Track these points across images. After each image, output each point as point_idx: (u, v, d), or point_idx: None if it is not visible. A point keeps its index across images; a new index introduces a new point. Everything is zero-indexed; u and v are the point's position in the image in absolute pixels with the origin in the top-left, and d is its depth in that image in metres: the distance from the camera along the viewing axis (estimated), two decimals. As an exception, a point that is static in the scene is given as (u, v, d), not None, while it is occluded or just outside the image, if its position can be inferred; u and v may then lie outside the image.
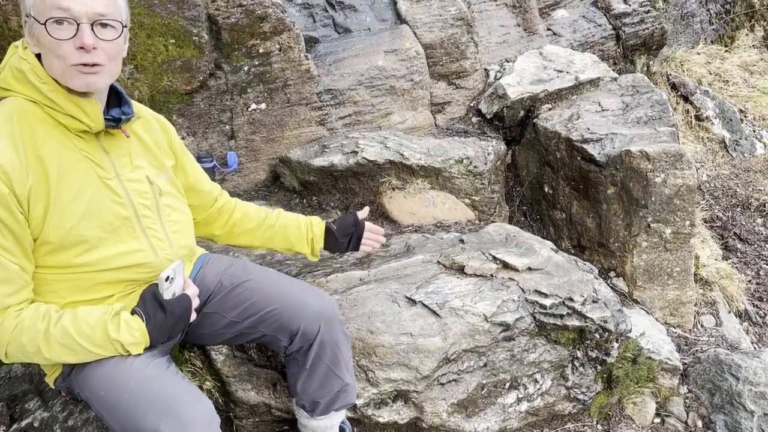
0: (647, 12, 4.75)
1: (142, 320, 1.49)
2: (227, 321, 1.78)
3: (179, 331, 1.58)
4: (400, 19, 3.85)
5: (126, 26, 1.51)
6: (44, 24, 1.38)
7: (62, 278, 1.50)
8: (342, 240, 2.07)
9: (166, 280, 1.51)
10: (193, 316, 1.60)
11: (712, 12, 5.97)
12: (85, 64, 1.41)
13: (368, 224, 2.14)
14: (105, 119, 1.52)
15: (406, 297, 2.32)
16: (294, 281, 1.92)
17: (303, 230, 2.04)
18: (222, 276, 1.82)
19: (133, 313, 1.51)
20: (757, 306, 3.81)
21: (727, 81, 5.81)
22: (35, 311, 1.44)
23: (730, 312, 3.53)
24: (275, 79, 3.29)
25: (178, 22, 3.00)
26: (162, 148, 1.74)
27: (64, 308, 1.49)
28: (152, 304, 1.51)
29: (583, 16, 4.66)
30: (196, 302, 1.62)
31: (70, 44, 1.39)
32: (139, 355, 1.51)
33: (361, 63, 3.57)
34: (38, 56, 1.45)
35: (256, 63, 3.24)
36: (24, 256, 1.43)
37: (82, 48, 1.40)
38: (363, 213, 2.13)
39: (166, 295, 1.53)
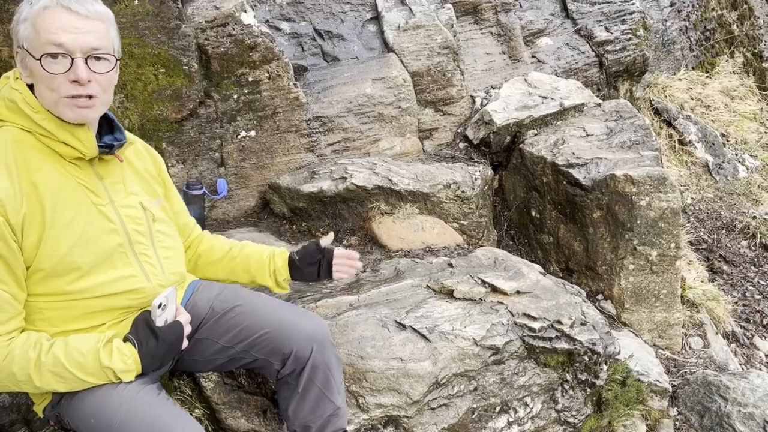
0: (629, 40, 4.86)
1: (135, 347, 1.49)
2: (219, 346, 1.79)
3: (171, 358, 1.58)
4: (387, 47, 3.92)
5: (118, 58, 1.54)
6: (39, 59, 1.41)
7: (54, 306, 1.50)
8: (308, 269, 2.03)
9: (159, 307, 1.52)
10: (185, 343, 1.60)
11: (692, 39, 6.11)
12: (78, 96, 1.44)
13: (340, 250, 2.09)
14: (98, 145, 1.54)
15: (396, 321, 2.33)
16: (286, 305, 1.93)
17: (265, 262, 2.01)
18: (213, 302, 1.82)
19: (125, 340, 1.51)
20: (744, 327, 3.84)
21: (709, 106, 5.92)
22: (26, 339, 1.44)
23: (717, 333, 3.56)
24: (264, 107, 3.33)
25: (168, 52, 3.04)
26: (153, 176, 1.77)
27: (56, 337, 1.49)
28: (144, 331, 1.51)
29: (567, 44, 4.76)
30: (188, 329, 1.62)
31: (63, 78, 1.43)
32: (130, 382, 1.51)
33: (350, 90, 3.62)
34: (30, 86, 1.47)
35: (246, 91, 3.28)
36: (16, 284, 1.43)
37: (75, 81, 1.43)
38: (326, 240, 2.08)
39: (159, 322, 1.53)
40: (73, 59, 1.42)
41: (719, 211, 4.82)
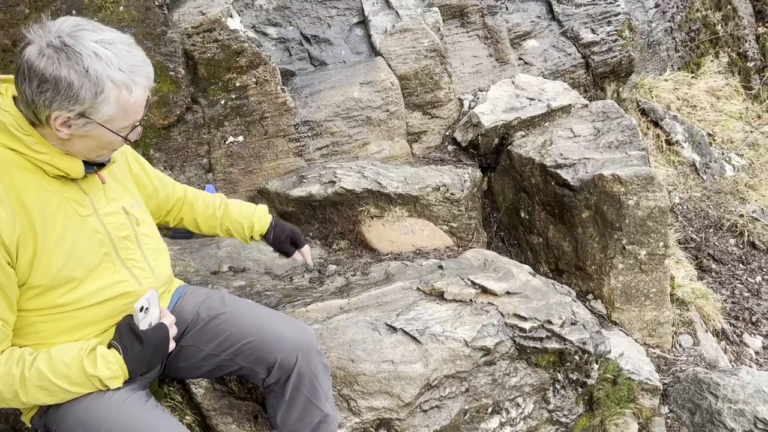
0: (614, 41, 4.89)
1: (119, 353, 1.47)
2: (205, 354, 1.77)
3: (158, 361, 1.56)
4: (374, 51, 3.93)
5: None
6: (116, 132, 1.47)
7: (46, 319, 1.48)
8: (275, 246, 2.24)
9: (141, 310, 1.50)
10: (172, 345, 1.59)
11: (677, 40, 6.16)
12: None
13: (306, 251, 2.27)
14: (85, 164, 1.53)
15: (387, 324, 2.33)
16: (271, 313, 1.92)
17: (245, 234, 2.18)
18: (199, 307, 1.81)
19: (109, 346, 1.50)
20: (733, 325, 3.87)
21: (695, 106, 5.97)
22: (8, 357, 1.42)
23: (707, 331, 3.59)
24: (252, 112, 3.32)
25: (155, 58, 3.03)
26: (127, 179, 1.76)
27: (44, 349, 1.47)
28: (128, 336, 1.50)
29: (553, 46, 4.78)
30: (173, 331, 1.61)
31: (122, 139, 1.50)
32: (118, 389, 1.49)
33: (338, 95, 3.62)
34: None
35: (233, 96, 3.27)
36: (8, 308, 1.41)
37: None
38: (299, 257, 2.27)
39: (142, 326, 1.52)
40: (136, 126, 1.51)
41: (707, 209, 4.86)
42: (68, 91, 1.35)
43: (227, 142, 3.30)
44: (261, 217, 2.17)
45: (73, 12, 2.88)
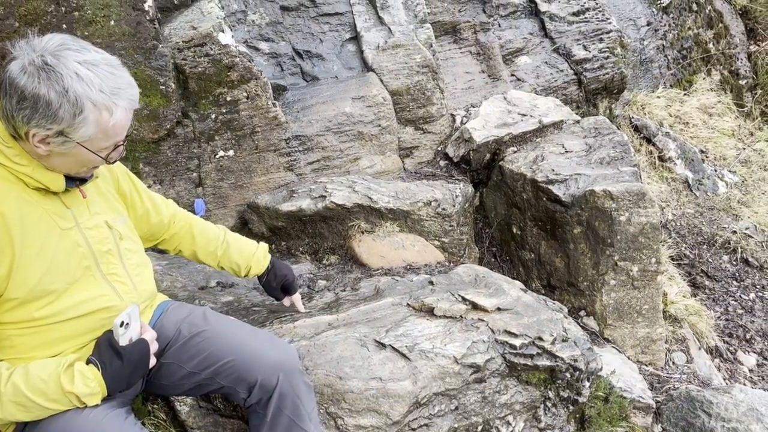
0: (606, 58, 4.91)
1: (98, 369, 1.44)
2: (186, 372, 1.74)
3: (138, 378, 1.53)
4: (366, 67, 3.93)
5: None
6: (100, 154, 1.46)
7: (23, 332, 1.46)
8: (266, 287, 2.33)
9: (121, 325, 1.48)
10: (153, 361, 1.56)
11: (669, 58, 6.19)
12: None
13: (297, 299, 2.41)
14: (67, 179, 1.52)
15: (376, 341, 2.30)
16: (254, 331, 1.89)
17: (241, 273, 2.23)
18: (181, 324, 1.79)
19: (88, 362, 1.46)
20: (727, 342, 3.84)
21: (687, 123, 5.99)
22: None
23: (700, 348, 3.56)
24: (243, 127, 3.31)
25: (145, 72, 3.02)
26: (113, 194, 1.75)
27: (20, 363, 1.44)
28: (107, 351, 1.47)
29: (546, 62, 4.80)
30: (154, 346, 1.58)
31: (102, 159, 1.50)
32: (96, 406, 1.46)
33: (329, 110, 3.62)
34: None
35: (224, 111, 3.26)
36: None
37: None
38: (287, 302, 2.41)
39: (122, 341, 1.49)
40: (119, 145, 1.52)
41: (700, 226, 4.85)
42: (46, 110, 1.35)
43: (217, 157, 3.28)
44: (259, 260, 2.22)
45: (64, 26, 2.87)
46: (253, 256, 2.20)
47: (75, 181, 1.55)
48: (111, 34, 2.96)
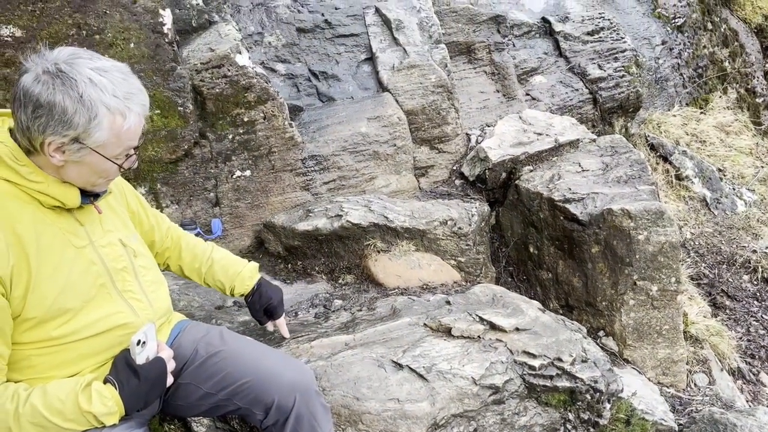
0: (622, 77, 4.91)
1: (115, 388, 1.44)
2: (202, 392, 1.73)
3: (155, 396, 1.53)
4: (382, 87, 3.95)
5: None
6: (115, 161, 1.47)
7: (41, 352, 1.46)
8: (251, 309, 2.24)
9: (138, 344, 1.47)
10: (170, 379, 1.55)
11: (685, 76, 6.17)
12: None
13: (281, 324, 2.32)
14: (81, 195, 1.53)
15: (393, 361, 2.28)
16: (270, 351, 1.88)
17: (225, 290, 2.17)
18: (198, 344, 1.78)
19: (105, 381, 1.46)
20: (749, 363, 3.76)
21: (704, 141, 5.95)
22: (3, 392, 1.39)
23: (722, 370, 3.49)
24: (260, 147, 3.33)
25: (164, 93, 3.06)
26: (123, 212, 1.76)
27: (43, 383, 1.44)
28: (125, 370, 1.47)
29: (561, 82, 4.80)
30: (171, 365, 1.57)
31: (117, 167, 1.51)
32: (114, 426, 1.45)
33: (345, 129, 3.63)
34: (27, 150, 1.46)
35: (241, 131, 3.29)
36: (3, 342, 1.39)
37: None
38: (270, 327, 2.35)
39: (139, 360, 1.48)
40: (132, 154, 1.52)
41: (719, 245, 4.79)
42: (62, 116, 1.37)
43: (234, 177, 3.30)
44: (244, 279, 2.15)
45: (85, 48, 2.92)
46: (238, 275, 2.13)
47: (89, 196, 1.56)
48: (130, 57, 3.00)
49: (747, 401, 3.40)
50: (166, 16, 3.13)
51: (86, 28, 2.94)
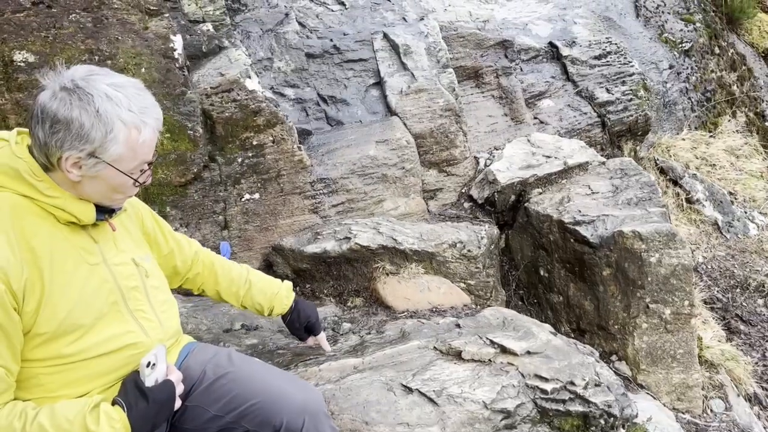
0: (630, 100, 4.91)
1: (123, 410, 1.42)
2: (210, 415, 1.71)
3: (163, 419, 1.51)
4: (390, 111, 3.97)
5: None
6: (127, 174, 1.49)
7: (51, 371, 1.45)
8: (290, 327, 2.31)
9: (148, 366, 1.46)
10: (178, 403, 1.53)
11: (693, 100, 6.17)
12: None
13: (322, 339, 2.38)
14: (97, 211, 1.54)
15: (402, 385, 2.24)
16: (278, 373, 1.85)
17: (263, 312, 2.21)
18: (206, 365, 1.76)
19: (113, 403, 1.44)
20: (765, 389, 3.69)
21: (714, 165, 5.92)
22: (11, 410, 1.37)
23: (739, 395, 3.42)
24: (268, 170, 3.34)
25: (174, 117, 3.09)
26: (137, 232, 1.77)
27: (52, 402, 1.42)
28: (134, 392, 1.45)
29: (569, 105, 4.81)
30: (180, 388, 1.55)
31: (132, 182, 1.53)
32: (122, 449, 1.43)
33: (354, 153, 3.64)
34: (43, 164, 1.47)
35: (250, 155, 3.30)
36: (12, 358, 1.38)
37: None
38: (311, 341, 2.39)
39: (148, 382, 1.47)
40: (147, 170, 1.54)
41: (732, 269, 4.73)
42: (80, 131, 1.39)
43: (243, 200, 3.31)
44: (282, 299, 2.21)
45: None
46: (276, 295, 2.18)
47: (104, 213, 1.56)
48: (142, 81, 3.03)
49: (764, 428, 3.32)
50: (177, 42, 3.17)
51: (98, 54, 2.98)
